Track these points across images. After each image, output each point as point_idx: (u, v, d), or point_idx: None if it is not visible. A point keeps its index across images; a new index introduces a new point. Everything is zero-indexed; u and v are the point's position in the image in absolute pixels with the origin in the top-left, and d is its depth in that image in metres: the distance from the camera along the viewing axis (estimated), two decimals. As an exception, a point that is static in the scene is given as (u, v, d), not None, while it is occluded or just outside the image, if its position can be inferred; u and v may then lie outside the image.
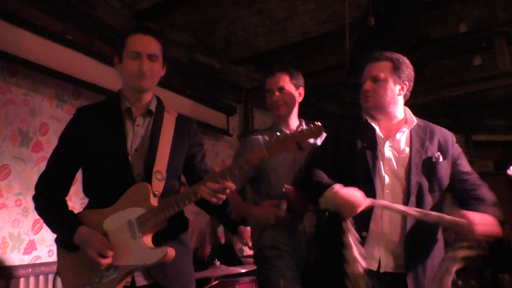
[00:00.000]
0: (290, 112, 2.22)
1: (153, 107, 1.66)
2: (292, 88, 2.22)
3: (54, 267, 3.08)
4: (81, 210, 1.65)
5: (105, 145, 1.55)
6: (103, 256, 1.45)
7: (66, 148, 1.62)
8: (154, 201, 1.50)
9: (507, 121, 6.58)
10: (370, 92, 1.84)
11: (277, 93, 2.19)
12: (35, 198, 1.62)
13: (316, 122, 1.43)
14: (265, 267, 2.05)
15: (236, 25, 4.17)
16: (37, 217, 3.04)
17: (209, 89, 4.75)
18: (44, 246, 3.10)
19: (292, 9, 3.88)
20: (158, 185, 1.53)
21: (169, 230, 1.55)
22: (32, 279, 2.95)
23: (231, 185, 1.43)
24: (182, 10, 3.82)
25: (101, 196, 1.57)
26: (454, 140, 1.91)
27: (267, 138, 2.22)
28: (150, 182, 1.52)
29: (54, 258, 3.14)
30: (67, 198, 1.67)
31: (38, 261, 3.03)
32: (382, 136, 1.82)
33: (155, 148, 1.57)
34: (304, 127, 1.42)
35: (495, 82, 3.61)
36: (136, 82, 1.58)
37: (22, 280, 2.89)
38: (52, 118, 3.24)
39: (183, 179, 1.81)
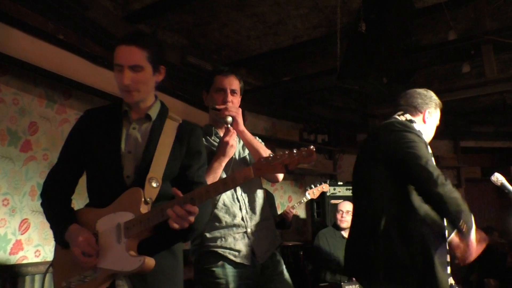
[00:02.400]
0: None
1: (153, 112, 1.65)
2: (239, 94, 2.13)
3: (41, 268, 3.06)
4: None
5: (101, 145, 1.58)
6: (87, 256, 1.47)
7: (70, 147, 1.66)
8: (144, 208, 1.48)
9: (495, 127, 6.66)
10: None
11: (230, 94, 2.07)
12: (42, 194, 1.65)
13: (308, 147, 1.35)
14: (207, 276, 1.93)
15: (228, 28, 4.18)
16: (24, 217, 3.05)
17: (201, 91, 4.74)
18: (31, 247, 3.07)
19: (285, 13, 3.91)
20: (151, 191, 1.51)
21: (157, 240, 1.52)
22: (18, 280, 2.92)
23: (194, 210, 1.40)
24: (175, 11, 3.82)
25: (95, 196, 1.60)
26: None
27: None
28: (142, 187, 1.51)
29: (41, 258, 3.11)
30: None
31: (24, 261, 3.01)
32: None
33: (151, 154, 1.55)
34: (295, 150, 1.36)
35: (483, 90, 3.67)
36: (123, 96, 1.59)
37: (8, 280, 2.87)
38: (41, 117, 3.23)
39: None
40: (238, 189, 2.04)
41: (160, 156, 1.56)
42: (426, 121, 2.09)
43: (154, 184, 1.52)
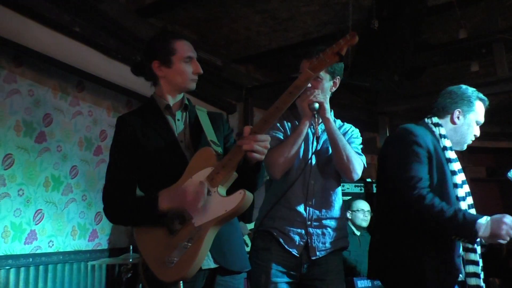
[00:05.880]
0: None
1: (186, 102, 1.74)
2: (327, 77, 2.01)
3: (54, 258, 3.10)
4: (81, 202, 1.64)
5: (157, 141, 1.60)
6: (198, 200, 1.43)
7: (122, 157, 1.61)
8: (219, 158, 1.50)
9: (500, 128, 6.66)
10: None
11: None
12: (105, 211, 1.60)
13: (351, 32, 1.37)
14: (254, 256, 1.94)
15: (238, 24, 4.20)
16: (39, 207, 3.08)
17: (210, 86, 4.76)
18: (45, 237, 3.11)
19: (295, 9, 3.92)
20: (217, 149, 1.56)
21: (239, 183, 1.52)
22: (32, 269, 2.96)
23: (265, 137, 1.42)
24: (185, 6, 3.84)
25: (162, 188, 1.54)
26: None
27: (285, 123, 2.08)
28: None
29: (54, 249, 3.15)
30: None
31: (38, 251, 3.04)
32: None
33: (201, 131, 1.63)
34: (339, 40, 1.38)
35: (493, 88, 3.68)
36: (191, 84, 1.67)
37: (22, 269, 2.90)
38: (55, 109, 3.25)
39: None
40: (311, 180, 1.97)
41: (209, 131, 1.65)
42: (457, 121, 2.02)
43: (215, 145, 1.58)
